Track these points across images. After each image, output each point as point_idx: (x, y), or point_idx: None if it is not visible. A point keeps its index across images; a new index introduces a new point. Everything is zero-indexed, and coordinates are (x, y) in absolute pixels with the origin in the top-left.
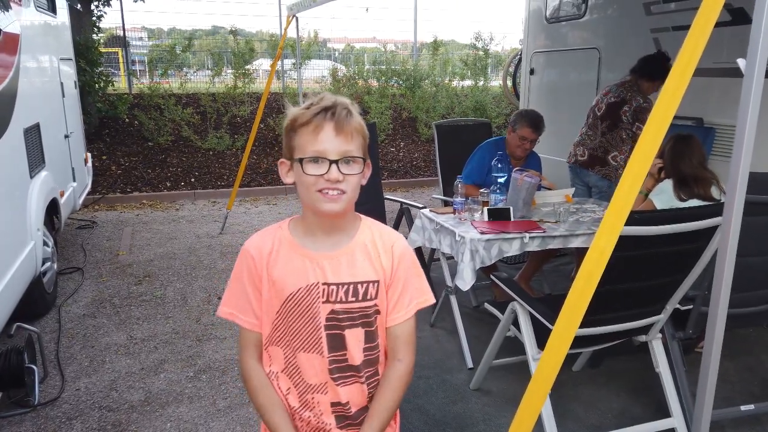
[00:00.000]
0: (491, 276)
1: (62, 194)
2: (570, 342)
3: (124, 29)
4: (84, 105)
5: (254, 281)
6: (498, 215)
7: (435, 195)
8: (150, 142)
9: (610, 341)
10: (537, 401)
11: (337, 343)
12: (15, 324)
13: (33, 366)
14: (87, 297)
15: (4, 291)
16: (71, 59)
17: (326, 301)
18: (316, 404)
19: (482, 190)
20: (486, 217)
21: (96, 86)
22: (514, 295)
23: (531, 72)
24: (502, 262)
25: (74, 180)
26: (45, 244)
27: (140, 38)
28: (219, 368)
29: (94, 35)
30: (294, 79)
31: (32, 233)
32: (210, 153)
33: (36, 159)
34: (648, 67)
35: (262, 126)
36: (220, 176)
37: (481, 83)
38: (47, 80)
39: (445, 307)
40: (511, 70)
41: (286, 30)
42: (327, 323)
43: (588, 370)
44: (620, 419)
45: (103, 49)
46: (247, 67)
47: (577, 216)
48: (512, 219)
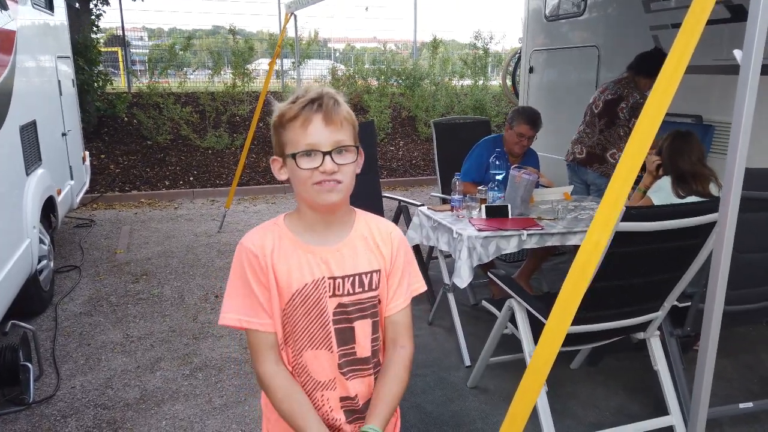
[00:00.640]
0: (488, 273)
1: (59, 192)
2: (563, 335)
3: (123, 28)
4: (82, 104)
5: (260, 279)
6: (496, 212)
7: (434, 193)
8: (149, 141)
9: (608, 338)
10: (531, 395)
11: (347, 337)
12: (10, 321)
13: (28, 364)
14: (84, 295)
15: None
16: (69, 58)
17: (333, 295)
18: (326, 401)
19: (480, 188)
20: (484, 215)
21: (95, 85)
22: (511, 292)
23: (530, 70)
24: (502, 261)
25: (72, 178)
26: (41, 242)
27: (140, 38)
28: (215, 366)
29: (93, 34)
30: (294, 78)
31: (28, 231)
32: (209, 152)
33: (32, 157)
34: (645, 64)
35: (261, 125)
36: (219, 175)
37: (481, 82)
38: (44, 78)
39: (443, 305)
40: (511, 69)
41: (285, 27)
42: (335, 317)
43: (586, 368)
44: (618, 417)
45: (103, 49)
46: (247, 67)
47: (576, 213)
48: (510, 216)
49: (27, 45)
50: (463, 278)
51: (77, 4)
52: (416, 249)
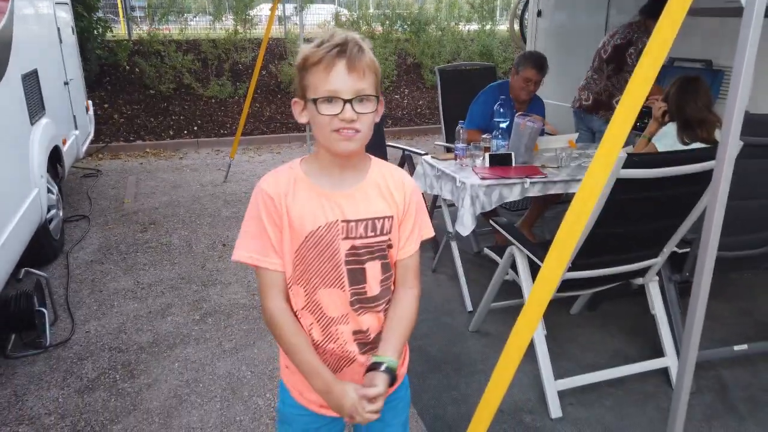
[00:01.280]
0: (490, 221)
1: (64, 142)
2: (558, 279)
3: None
4: (83, 52)
5: (274, 220)
6: (499, 161)
7: (438, 142)
8: (151, 90)
9: (608, 284)
10: (525, 335)
11: (358, 277)
12: (23, 269)
13: (43, 309)
14: (94, 244)
15: (10, 237)
16: (67, 4)
17: (346, 238)
18: (340, 335)
19: (484, 136)
20: (487, 163)
21: (95, 32)
22: (512, 239)
23: (538, 14)
24: (505, 209)
25: (76, 128)
26: (49, 192)
27: None
28: (224, 312)
29: None
30: (296, 24)
31: (36, 180)
32: (212, 101)
33: (36, 106)
34: (659, 6)
35: (264, 73)
36: (223, 124)
37: (489, 27)
38: (43, 26)
39: (446, 253)
40: (519, 13)
41: None
42: (347, 258)
43: (585, 313)
44: (615, 359)
45: None
46: (249, 12)
47: (580, 161)
48: (514, 165)
49: None
50: (466, 226)
51: None
52: None
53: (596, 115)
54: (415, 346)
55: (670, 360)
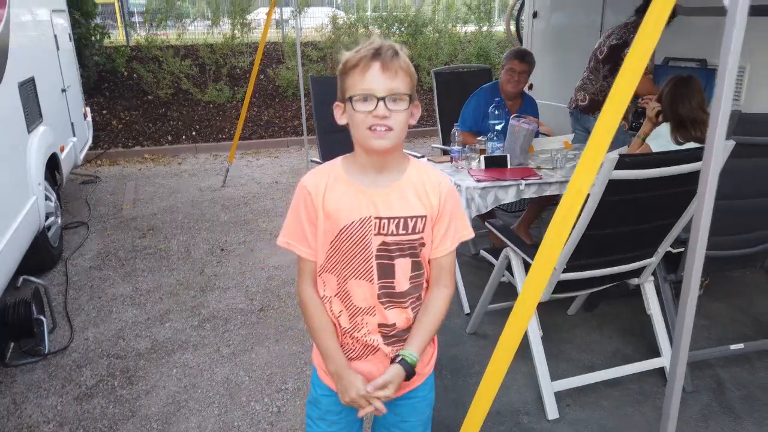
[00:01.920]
0: (486, 223)
1: (62, 149)
2: (546, 280)
3: None
4: (81, 58)
5: (310, 215)
6: (495, 163)
7: (435, 145)
8: (150, 96)
9: (604, 284)
10: (515, 336)
11: (387, 272)
12: (21, 277)
13: (41, 317)
14: (93, 250)
15: (8, 245)
16: (64, 11)
17: (378, 234)
18: (365, 325)
19: (480, 138)
20: (483, 165)
21: (92, 39)
22: (507, 241)
23: (534, 15)
24: (503, 210)
25: (74, 135)
26: (47, 199)
27: None
28: (222, 317)
29: None
30: (293, 28)
31: (33, 188)
32: (210, 106)
33: (33, 114)
34: None
35: (262, 77)
36: (221, 129)
37: (486, 29)
38: (40, 33)
39: None
40: (515, 14)
41: None
42: (378, 253)
43: (582, 314)
44: (612, 359)
45: (99, 0)
46: (246, 17)
47: (574, 162)
48: (509, 166)
49: None
50: None
51: None
52: None
53: (593, 116)
54: None
55: (667, 360)
